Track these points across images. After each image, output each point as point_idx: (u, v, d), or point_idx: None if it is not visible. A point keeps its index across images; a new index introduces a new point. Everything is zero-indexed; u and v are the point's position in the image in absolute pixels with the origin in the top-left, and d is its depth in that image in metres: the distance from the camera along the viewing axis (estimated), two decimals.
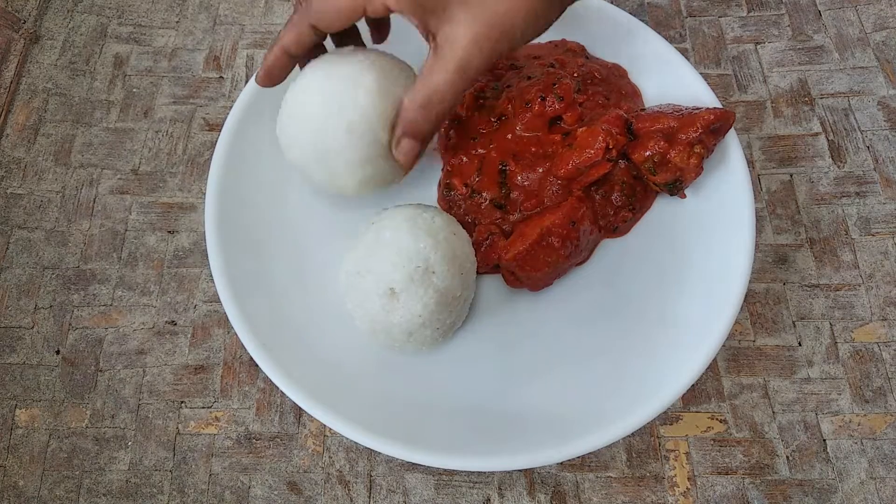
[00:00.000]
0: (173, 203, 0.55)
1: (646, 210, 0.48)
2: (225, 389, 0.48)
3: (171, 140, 0.57)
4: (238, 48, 0.61)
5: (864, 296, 0.50)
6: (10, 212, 0.54)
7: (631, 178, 0.46)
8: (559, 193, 0.45)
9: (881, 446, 0.46)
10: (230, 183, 0.46)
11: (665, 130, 0.44)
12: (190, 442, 0.47)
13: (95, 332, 0.50)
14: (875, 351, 0.49)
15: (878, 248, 0.52)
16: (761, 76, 0.59)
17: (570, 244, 0.43)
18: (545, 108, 0.46)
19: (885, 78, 0.58)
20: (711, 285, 0.43)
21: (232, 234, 0.45)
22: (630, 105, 0.49)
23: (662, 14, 0.62)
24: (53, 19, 0.62)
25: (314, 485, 0.46)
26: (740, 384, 0.48)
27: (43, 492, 0.46)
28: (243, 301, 0.42)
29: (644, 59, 0.50)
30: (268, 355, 0.41)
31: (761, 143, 0.56)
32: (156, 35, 0.62)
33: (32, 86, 0.59)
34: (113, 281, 0.52)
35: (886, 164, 0.54)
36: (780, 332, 0.49)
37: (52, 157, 0.56)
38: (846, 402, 0.47)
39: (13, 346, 0.50)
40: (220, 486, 0.46)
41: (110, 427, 0.47)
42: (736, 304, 0.41)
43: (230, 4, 0.63)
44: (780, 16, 0.61)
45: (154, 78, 0.60)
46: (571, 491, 0.45)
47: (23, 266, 0.52)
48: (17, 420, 0.48)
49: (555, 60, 0.49)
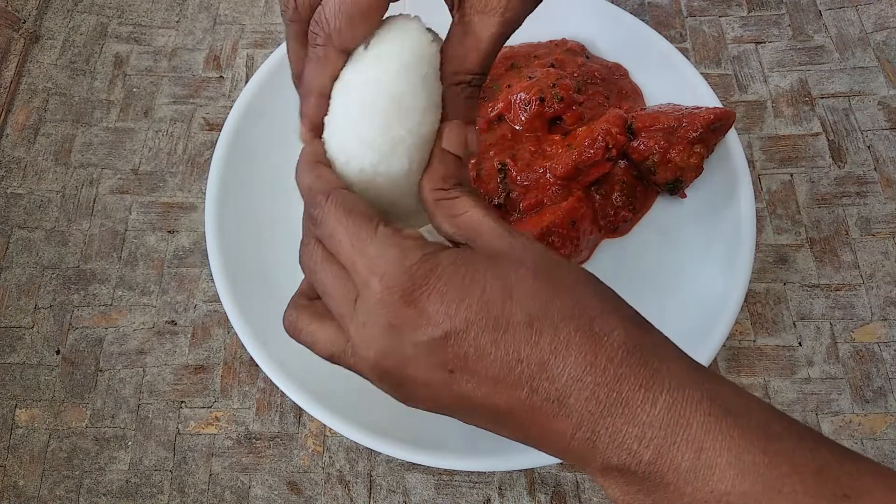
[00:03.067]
0: (173, 203, 0.55)
1: (646, 210, 0.48)
2: (225, 389, 0.48)
3: (171, 140, 0.57)
4: (238, 48, 0.61)
5: (865, 296, 0.50)
6: (10, 211, 0.54)
7: (631, 178, 0.46)
8: (559, 193, 0.45)
9: (881, 446, 0.46)
10: (230, 183, 0.46)
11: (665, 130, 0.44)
12: (190, 442, 0.47)
13: (95, 331, 0.50)
14: (875, 351, 0.49)
15: (879, 248, 0.52)
16: (762, 76, 0.59)
17: (570, 244, 0.43)
18: (544, 108, 0.46)
19: (886, 78, 0.58)
20: (712, 285, 0.43)
21: (232, 234, 0.45)
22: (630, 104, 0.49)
23: (663, 14, 0.62)
24: (53, 19, 0.62)
25: (314, 485, 0.46)
26: (740, 384, 0.48)
27: (43, 492, 0.46)
28: (243, 301, 0.42)
29: (645, 58, 0.50)
30: (268, 355, 0.41)
31: (762, 143, 0.56)
32: (156, 35, 0.62)
33: (32, 85, 0.59)
34: (113, 281, 0.52)
35: (887, 164, 0.54)
36: (780, 332, 0.49)
37: (52, 156, 0.56)
38: (846, 403, 0.47)
39: (13, 345, 0.50)
40: (220, 486, 0.46)
41: (110, 427, 0.47)
42: (736, 304, 0.41)
43: (230, 4, 0.63)
44: (780, 16, 0.61)
45: (154, 78, 0.60)
46: (571, 491, 0.45)
47: (23, 266, 0.52)
48: (17, 420, 0.48)
49: (555, 60, 0.49)
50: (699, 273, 0.44)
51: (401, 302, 0.24)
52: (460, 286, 0.24)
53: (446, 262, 0.24)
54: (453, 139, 0.29)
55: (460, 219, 0.27)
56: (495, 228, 0.26)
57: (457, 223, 0.27)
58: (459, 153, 0.29)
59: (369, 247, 0.25)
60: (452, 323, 0.23)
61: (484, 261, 0.25)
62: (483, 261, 0.25)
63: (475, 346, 0.23)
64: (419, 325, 0.24)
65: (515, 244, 0.26)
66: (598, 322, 0.24)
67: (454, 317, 0.23)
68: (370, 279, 0.24)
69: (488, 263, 0.25)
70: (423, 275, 0.24)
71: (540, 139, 0.46)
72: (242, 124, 0.47)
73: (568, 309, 0.24)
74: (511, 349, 0.23)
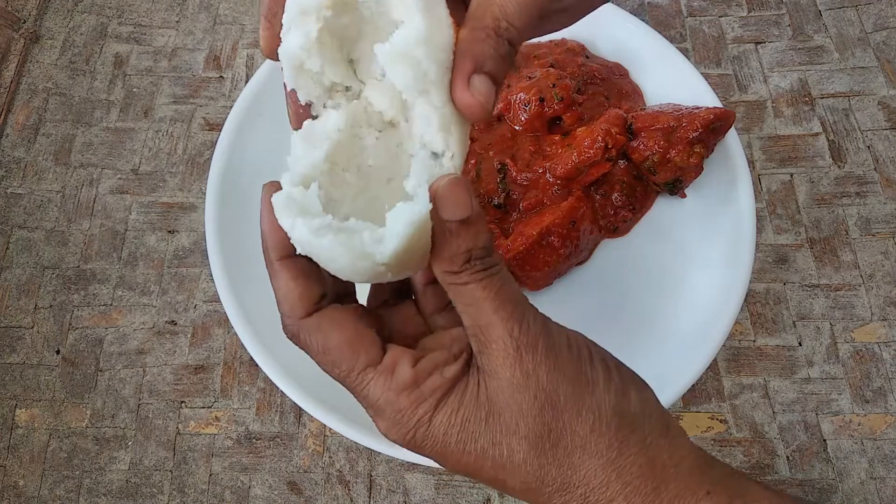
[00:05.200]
0: (173, 203, 0.55)
1: (646, 210, 0.48)
2: (225, 389, 0.48)
3: (171, 140, 0.57)
4: (238, 48, 0.61)
5: (865, 296, 0.50)
6: (10, 211, 0.54)
7: (631, 178, 0.46)
8: (559, 193, 0.45)
9: (881, 446, 0.46)
10: (230, 183, 0.46)
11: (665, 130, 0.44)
12: (190, 442, 0.47)
13: (95, 331, 0.50)
14: (875, 351, 0.49)
15: (879, 248, 0.52)
16: (762, 76, 0.59)
17: (570, 244, 0.43)
18: (544, 108, 0.46)
19: (886, 78, 0.58)
20: (712, 285, 0.43)
21: (232, 234, 0.45)
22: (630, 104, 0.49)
23: (663, 14, 0.62)
24: (53, 19, 0.62)
25: (314, 485, 0.46)
26: (740, 384, 0.48)
27: (43, 491, 0.46)
28: (243, 301, 0.42)
29: (645, 58, 0.50)
30: (268, 355, 0.41)
31: (762, 143, 0.56)
32: (156, 35, 0.62)
33: (32, 85, 0.59)
34: (113, 281, 0.52)
35: (887, 164, 0.54)
36: (780, 332, 0.49)
37: (53, 156, 0.56)
38: (846, 402, 0.47)
39: (13, 345, 0.50)
40: (220, 485, 0.46)
41: (110, 427, 0.47)
42: (736, 305, 0.41)
43: (230, 4, 0.63)
44: (780, 16, 0.61)
45: (154, 78, 0.60)
46: None
47: (23, 266, 0.52)
48: (17, 420, 0.48)
49: (554, 60, 0.49)
50: (699, 273, 0.44)
51: (406, 441, 0.26)
52: (456, 451, 0.25)
53: (441, 428, 0.25)
54: (450, 204, 0.24)
55: (471, 314, 0.25)
56: (503, 341, 0.25)
57: (468, 318, 0.26)
58: (464, 215, 0.24)
59: (365, 391, 0.26)
60: (454, 468, 0.26)
61: (483, 422, 0.25)
62: (482, 422, 0.25)
63: (477, 477, 0.26)
64: (425, 450, 0.26)
65: (519, 377, 0.25)
66: (592, 497, 0.25)
67: (455, 466, 0.26)
68: (373, 410, 0.26)
69: (487, 425, 0.25)
70: (420, 437, 0.26)
71: (540, 139, 0.46)
72: (242, 124, 0.47)
73: (558, 483, 0.25)
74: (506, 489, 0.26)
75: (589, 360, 0.26)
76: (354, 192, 0.27)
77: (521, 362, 0.25)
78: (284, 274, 0.26)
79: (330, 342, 0.25)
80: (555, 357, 0.25)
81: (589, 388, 0.25)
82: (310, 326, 0.26)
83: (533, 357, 0.25)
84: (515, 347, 0.25)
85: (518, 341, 0.25)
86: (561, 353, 0.25)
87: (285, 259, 0.26)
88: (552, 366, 0.25)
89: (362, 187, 0.27)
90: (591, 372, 0.25)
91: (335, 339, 0.25)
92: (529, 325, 0.25)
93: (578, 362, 0.25)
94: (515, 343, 0.25)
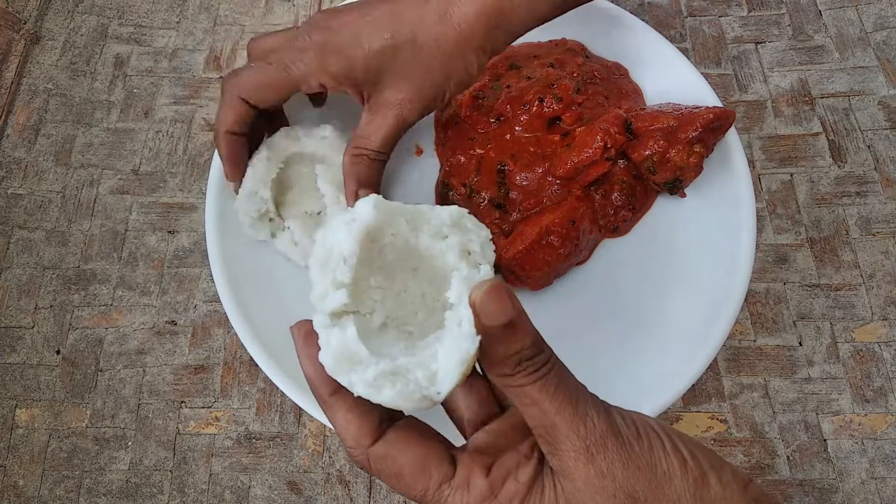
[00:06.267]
0: (173, 203, 0.55)
1: (646, 210, 0.48)
2: (225, 389, 0.48)
3: (171, 140, 0.57)
4: (238, 48, 0.61)
5: (865, 295, 0.50)
6: (11, 212, 0.54)
7: (631, 178, 0.46)
8: (558, 193, 0.45)
9: (882, 446, 0.46)
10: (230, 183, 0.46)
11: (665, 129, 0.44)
12: (190, 442, 0.47)
13: (95, 331, 0.50)
14: (875, 351, 0.49)
15: (879, 247, 0.52)
16: (762, 76, 0.59)
17: (570, 243, 0.43)
18: (543, 109, 0.46)
19: (886, 78, 0.58)
20: (712, 285, 0.43)
21: (232, 234, 0.45)
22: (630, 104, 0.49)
23: (662, 13, 0.62)
24: (54, 20, 0.62)
25: (314, 485, 0.46)
26: (740, 384, 0.48)
27: (43, 491, 0.46)
28: (243, 301, 0.42)
29: (644, 58, 0.50)
30: (268, 355, 0.41)
31: (762, 143, 0.56)
32: (156, 35, 0.62)
33: (33, 86, 0.59)
34: (113, 281, 0.52)
35: (887, 164, 0.54)
36: (780, 331, 0.49)
37: (53, 157, 0.56)
38: (847, 402, 0.47)
39: (13, 345, 0.50)
40: (220, 485, 0.46)
41: (110, 427, 0.47)
42: (736, 304, 0.41)
43: (230, 5, 0.63)
44: (780, 15, 0.61)
45: (154, 78, 0.60)
46: None
47: (23, 266, 0.52)
48: (17, 420, 0.48)
49: (554, 60, 0.49)
50: (699, 273, 0.44)
51: None
52: None
53: None
54: (491, 311, 0.24)
55: (533, 415, 0.25)
56: (571, 442, 0.24)
57: (531, 419, 0.25)
58: (506, 320, 0.24)
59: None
60: None
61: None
62: None
63: None
64: None
65: (594, 479, 0.24)
66: None
67: None
68: None
69: None
70: None
71: (539, 139, 0.46)
72: None
73: None
74: None
75: (662, 449, 0.25)
76: (383, 294, 0.28)
77: (594, 462, 0.24)
78: (341, 407, 0.26)
79: (401, 468, 0.26)
80: (627, 452, 0.24)
81: (666, 479, 0.25)
82: (377, 455, 0.26)
83: (605, 456, 0.24)
84: (585, 448, 0.24)
85: (586, 441, 0.24)
86: (632, 446, 0.25)
87: (336, 394, 0.26)
88: (625, 462, 0.24)
89: (388, 285, 0.28)
90: (665, 463, 0.25)
91: (404, 463, 0.26)
92: (595, 423, 0.24)
93: (651, 453, 0.25)
94: (584, 444, 0.24)
